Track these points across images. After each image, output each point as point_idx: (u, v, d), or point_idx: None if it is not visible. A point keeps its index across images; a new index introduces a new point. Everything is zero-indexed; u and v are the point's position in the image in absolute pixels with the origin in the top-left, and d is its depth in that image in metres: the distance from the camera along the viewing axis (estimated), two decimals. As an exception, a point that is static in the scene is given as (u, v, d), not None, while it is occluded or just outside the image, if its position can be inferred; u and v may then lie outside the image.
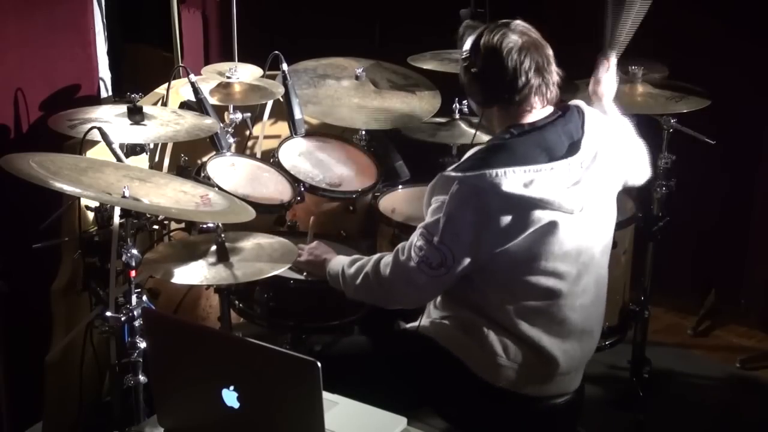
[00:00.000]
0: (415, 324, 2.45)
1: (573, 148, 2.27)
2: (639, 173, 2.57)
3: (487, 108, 2.35)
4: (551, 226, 2.21)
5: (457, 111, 3.32)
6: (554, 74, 2.30)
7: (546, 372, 2.34)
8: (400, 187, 3.19)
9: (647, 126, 3.17)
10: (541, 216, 2.20)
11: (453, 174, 2.21)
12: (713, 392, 3.54)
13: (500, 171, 2.17)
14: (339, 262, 2.47)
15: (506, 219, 2.18)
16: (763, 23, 3.64)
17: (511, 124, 2.30)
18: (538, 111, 2.31)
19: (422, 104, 3.37)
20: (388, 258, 2.34)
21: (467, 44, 2.33)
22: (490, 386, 2.33)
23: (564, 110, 2.33)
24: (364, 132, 3.33)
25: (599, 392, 3.33)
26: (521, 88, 2.25)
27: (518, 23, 2.30)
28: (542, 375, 2.35)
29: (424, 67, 3.46)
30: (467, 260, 2.22)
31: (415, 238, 2.27)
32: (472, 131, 3.19)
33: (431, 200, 2.27)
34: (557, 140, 2.27)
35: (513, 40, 2.25)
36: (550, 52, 2.30)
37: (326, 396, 1.73)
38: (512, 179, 2.17)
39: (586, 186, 2.25)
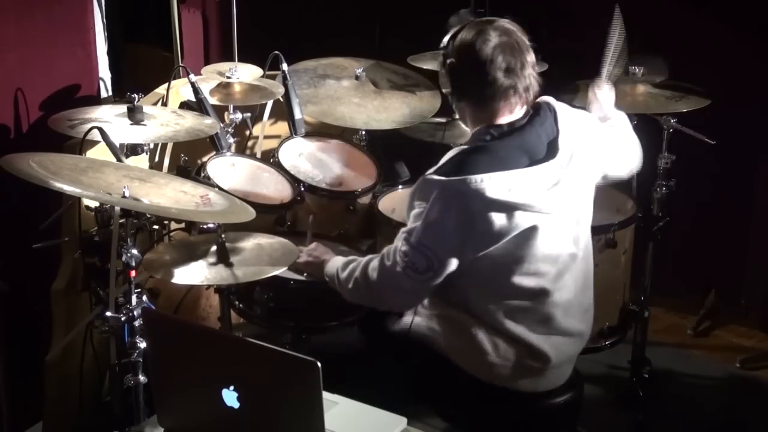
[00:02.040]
0: (406, 321, 2.45)
1: (551, 148, 2.26)
2: (621, 164, 2.54)
3: (459, 102, 2.34)
4: (533, 230, 2.21)
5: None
6: (528, 78, 2.25)
7: (537, 366, 2.34)
8: (400, 187, 3.19)
9: (647, 126, 3.18)
10: (523, 219, 2.19)
11: (436, 178, 2.20)
12: (713, 392, 3.54)
13: (484, 176, 2.16)
14: (334, 265, 2.47)
15: (489, 223, 2.17)
16: (763, 23, 3.64)
17: (489, 125, 2.29)
18: (517, 111, 2.29)
19: (422, 104, 3.37)
20: (375, 262, 2.34)
21: (448, 35, 2.32)
22: (483, 384, 2.34)
23: (536, 108, 2.32)
24: (364, 132, 3.33)
25: (599, 392, 3.33)
26: (488, 87, 2.23)
27: (504, 22, 2.28)
28: (534, 370, 2.35)
29: (424, 67, 3.45)
30: (453, 264, 2.22)
31: (399, 243, 2.26)
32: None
33: (414, 203, 2.25)
34: (537, 141, 2.26)
35: (490, 37, 2.22)
36: (528, 57, 2.26)
37: (326, 396, 1.73)
38: (495, 184, 2.16)
39: (565, 186, 2.25)
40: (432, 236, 2.19)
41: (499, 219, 2.17)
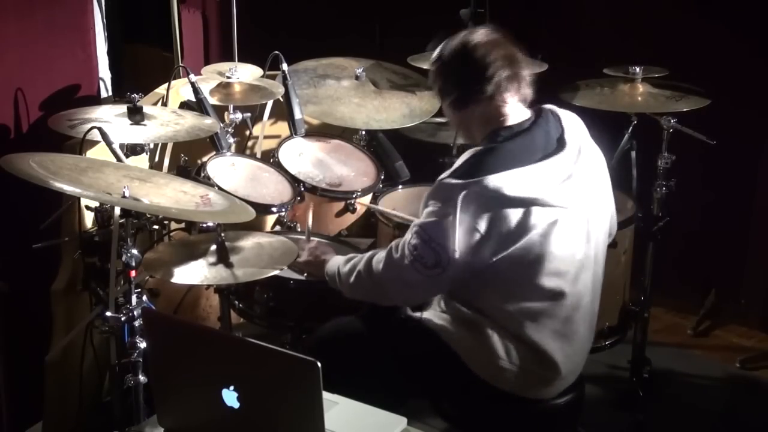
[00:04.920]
0: (419, 313, 2.44)
1: (560, 143, 2.29)
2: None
3: (463, 109, 2.35)
4: (551, 226, 2.22)
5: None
6: (524, 68, 2.32)
7: (546, 376, 2.34)
8: (400, 187, 3.19)
9: (647, 126, 3.18)
10: (541, 215, 2.20)
11: (453, 181, 2.20)
12: (713, 392, 3.54)
13: (499, 175, 2.17)
14: (335, 263, 2.47)
15: (509, 222, 2.18)
16: (762, 23, 3.64)
17: (496, 128, 2.30)
18: (516, 111, 2.31)
19: (422, 104, 3.37)
20: (381, 255, 2.33)
21: (436, 51, 2.36)
22: (490, 387, 2.33)
23: (539, 113, 2.35)
24: (364, 132, 3.33)
25: (599, 392, 3.32)
26: (491, 77, 2.27)
27: (485, 27, 2.34)
28: (543, 379, 2.34)
29: (424, 67, 3.43)
30: (464, 263, 2.21)
31: (410, 236, 2.26)
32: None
33: (428, 203, 2.25)
34: (545, 137, 2.29)
35: (479, 36, 2.29)
36: (519, 52, 2.32)
37: (326, 396, 1.73)
38: (512, 182, 2.17)
39: (577, 180, 2.26)
40: (445, 234, 2.18)
41: (518, 217, 2.18)
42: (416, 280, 2.25)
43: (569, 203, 2.24)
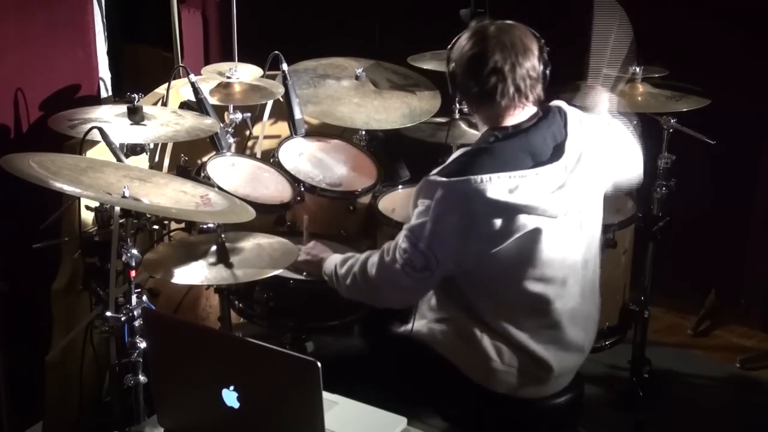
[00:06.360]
0: (408, 327, 2.44)
1: (557, 151, 2.25)
2: (630, 173, 2.51)
3: (461, 101, 2.36)
4: (536, 232, 2.19)
5: (457, 111, 3.32)
6: (521, 81, 2.22)
7: (541, 375, 2.34)
8: (400, 187, 3.19)
9: (647, 126, 3.18)
10: (526, 222, 2.18)
11: (438, 179, 2.19)
12: (713, 392, 3.54)
13: (485, 177, 2.15)
14: (332, 261, 2.47)
15: (491, 225, 2.16)
16: (762, 24, 3.64)
17: (495, 126, 2.28)
18: (519, 113, 2.28)
19: (422, 104, 3.37)
20: (374, 258, 2.34)
21: (455, 40, 2.33)
22: (486, 390, 2.33)
23: (546, 111, 2.31)
24: (364, 132, 3.33)
25: (599, 392, 3.33)
26: (490, 88, 2.23)
27: (507, 23, 2.27)
28: (537, 378, 2.34)
29: (424, 67, 3.46)
30: (451, 265, 2.22)
31: (400, 240, 2.26)
32: (472, 131, 3.20)
33: (417, 202, 2.25)
34: (542, 143, 2.25)
35: (483, 37, 2.23)
36: (523, 59, 2.22)
37: (326, 396, 1.73)
38: (497, 185, 2.15)
39: (570, 189, 2.23)
40: (432, 236, 2.18)
41: (500, 220, 2.16)
42: (406, 283, 2.26)
43: (559, 212, 2.21)
